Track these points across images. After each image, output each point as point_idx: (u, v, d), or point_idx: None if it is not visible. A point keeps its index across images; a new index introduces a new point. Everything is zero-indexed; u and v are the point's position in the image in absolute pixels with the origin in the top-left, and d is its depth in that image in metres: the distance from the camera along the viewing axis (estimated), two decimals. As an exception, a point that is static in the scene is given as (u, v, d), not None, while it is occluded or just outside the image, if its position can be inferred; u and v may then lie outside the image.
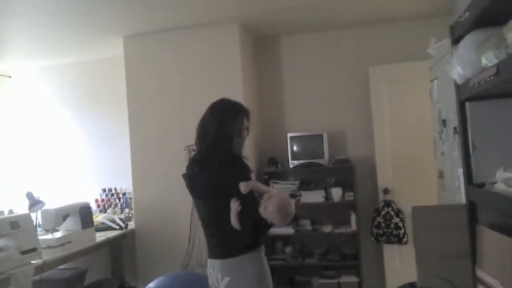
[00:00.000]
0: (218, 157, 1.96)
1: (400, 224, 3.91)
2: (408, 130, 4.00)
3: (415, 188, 3.91)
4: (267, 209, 1.82)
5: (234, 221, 1.84)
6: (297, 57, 4.47)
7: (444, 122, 2.37)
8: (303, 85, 4.42)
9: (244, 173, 1.93)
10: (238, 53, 3.97)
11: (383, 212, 3.98)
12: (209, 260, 2.04)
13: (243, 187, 1.83)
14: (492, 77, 1.38)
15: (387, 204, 3.98)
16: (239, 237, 1.89)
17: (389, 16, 4.05)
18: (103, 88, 4.84)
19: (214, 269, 1.99)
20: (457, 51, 1.64)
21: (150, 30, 4.06)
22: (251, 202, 1.86)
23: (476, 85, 1.56)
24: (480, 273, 1.74)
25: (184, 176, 2.13)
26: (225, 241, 1.96)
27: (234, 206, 1.83)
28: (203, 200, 2.02)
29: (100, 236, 3.65)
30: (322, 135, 4.05)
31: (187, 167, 2.11)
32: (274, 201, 1.82)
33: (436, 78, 2.53)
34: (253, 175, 2.06)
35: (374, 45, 4.26)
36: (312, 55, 4.43)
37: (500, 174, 1.67)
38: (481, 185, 1.75)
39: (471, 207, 1.84)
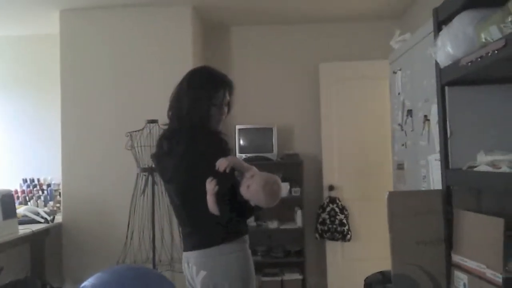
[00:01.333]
0: (191, 132, 1.67)
1: (345, 221, 3.93)
2: (355, 128, 4.03)
3: (360, 186, 3.97)
4: (250, 188, 1.55)
5: (211, 204, 1.55)
6: (247, 48, 4.35)
7: (410, 112, 2.38)
8: (253, 77, 4.30)
9: (222, 149, 1.65)
10: (190, 37, 3.76)
11: (328, 209, 3.98)
12: (184, 254, 1.75)
13: (222, 163, 1.56)
14: (496, 52, 1.36)
15: (332, 200, 3.99)
16: (217, 224, 1.61)
17: (341, 15, 4.09)
18: (27, 67, 4.35)
19: (189, 263, 1.71)
20: (450, 29, 1.61)
21: (92, 4, 3.70)
22: (230, 181, 1.59)
23: (470, 64, 1.54)
24: (458, 259, 1.72)
25: (152, 156, 1.85)
26: (200, 230, 1.68)
27: (211, 186, 1.55)
28: (174, 182, 1.72)
29: (24, 229, 3.21)
30: (272, 128, 3.97)
31: (156, 146, 1.81)
32: (257, 178, 1.57)
33: (400, 70, 2.54)
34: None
35: (326, 42, 4.28)
36: (263, 47, 4.34)
37: (482, 158, 1.67)
38: (457, 171, 1.75)
39: (448, 191, 1.83)
